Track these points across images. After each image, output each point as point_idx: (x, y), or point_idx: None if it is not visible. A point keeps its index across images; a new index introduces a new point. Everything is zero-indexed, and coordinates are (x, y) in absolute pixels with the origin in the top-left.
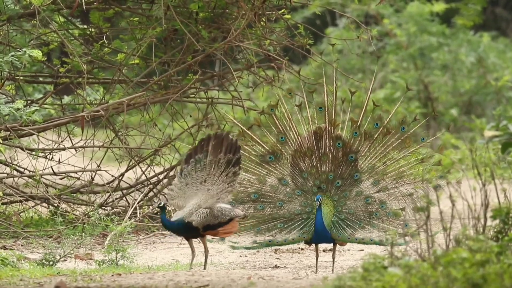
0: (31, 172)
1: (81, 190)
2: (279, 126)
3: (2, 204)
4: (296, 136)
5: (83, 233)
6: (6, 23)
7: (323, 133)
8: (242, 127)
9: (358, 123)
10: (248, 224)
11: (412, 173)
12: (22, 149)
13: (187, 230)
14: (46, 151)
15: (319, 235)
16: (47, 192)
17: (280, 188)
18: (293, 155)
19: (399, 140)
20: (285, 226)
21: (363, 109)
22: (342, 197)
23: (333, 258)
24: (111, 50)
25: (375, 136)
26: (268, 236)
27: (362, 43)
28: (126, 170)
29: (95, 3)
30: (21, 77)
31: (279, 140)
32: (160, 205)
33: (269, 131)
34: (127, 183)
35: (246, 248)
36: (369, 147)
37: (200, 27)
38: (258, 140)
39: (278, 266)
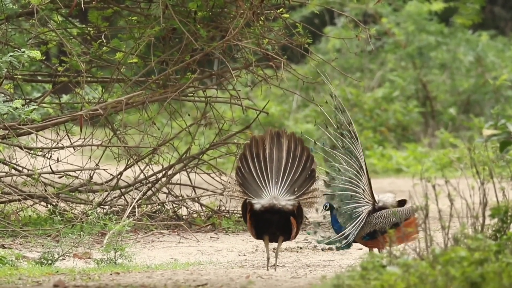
0: (29, 171)
1: (80, 189)
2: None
3: (1, 203)
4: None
5: (81, 232)
6: (5, 22)
7: None
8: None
9: None
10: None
11: None
12: (20, 147)
13: None
14: (44, 149)
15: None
16: (46, 191)
17: None
18: None
19: None
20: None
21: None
22: None
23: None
24: (109, 49)
25: None
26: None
27: (361, 42)
28: (125, 169)
29: (93, 2)
30: (20, 76)
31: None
32: None
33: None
34: (126, 182)
35: (327, 243)
36: None
37: (198, 26)
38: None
39: (277, 265)
